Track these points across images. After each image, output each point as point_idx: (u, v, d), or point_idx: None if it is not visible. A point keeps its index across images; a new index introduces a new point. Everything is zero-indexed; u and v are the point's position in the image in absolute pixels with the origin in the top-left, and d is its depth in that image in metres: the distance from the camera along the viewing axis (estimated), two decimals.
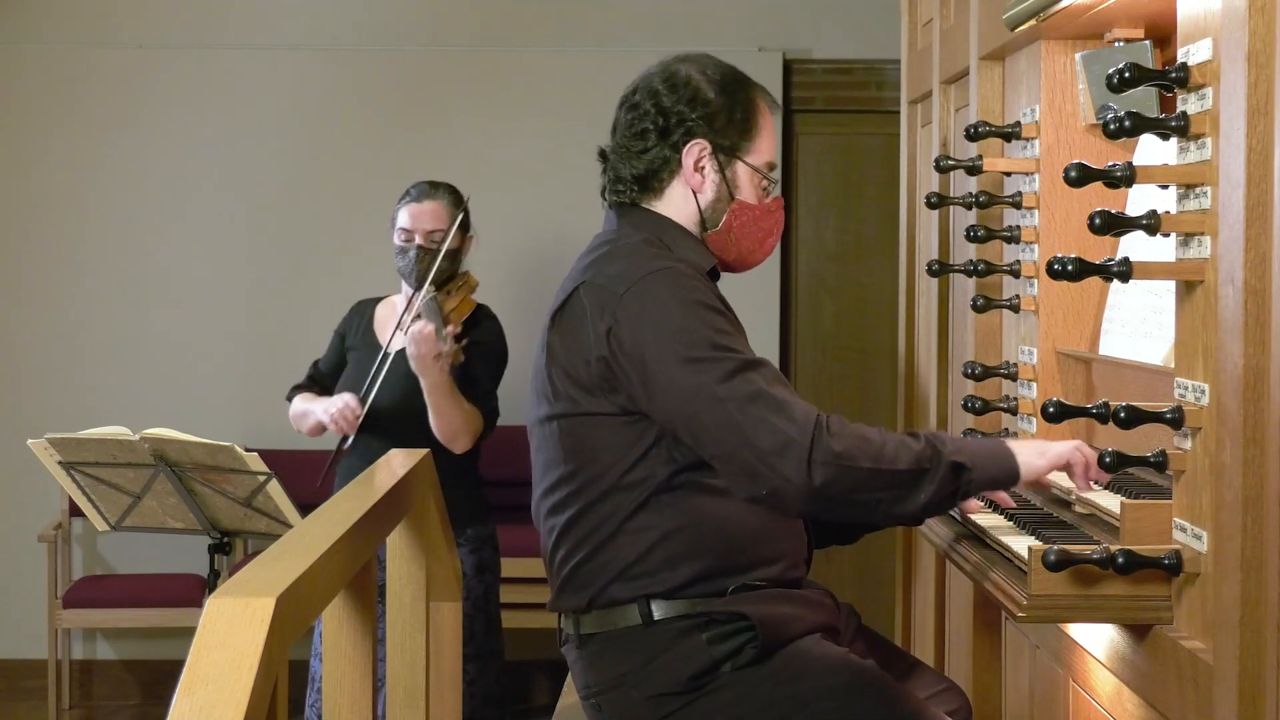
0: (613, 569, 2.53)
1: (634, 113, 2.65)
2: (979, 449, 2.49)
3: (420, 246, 4.16)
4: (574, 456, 2.54)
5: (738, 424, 2.39)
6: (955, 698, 2.77)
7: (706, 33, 6.08)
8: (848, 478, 2.38)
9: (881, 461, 2.39)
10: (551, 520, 2.60)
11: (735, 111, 2.63)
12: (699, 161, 2.62)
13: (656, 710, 2.51)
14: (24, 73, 6.03)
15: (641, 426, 2.49)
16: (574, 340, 2.51)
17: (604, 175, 2.70)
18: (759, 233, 2.67)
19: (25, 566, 5.88)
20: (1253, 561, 2.04)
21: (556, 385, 2.54)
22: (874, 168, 6.15)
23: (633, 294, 2.47)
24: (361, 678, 2.74)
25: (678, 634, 2.51)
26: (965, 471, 2.43)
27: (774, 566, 2.58)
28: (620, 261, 2.53)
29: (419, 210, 4.19)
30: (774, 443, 2.38)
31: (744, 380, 2.41)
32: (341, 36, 6.11)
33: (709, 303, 2.50)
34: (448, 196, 4.24)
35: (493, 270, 6.07)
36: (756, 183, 2.65)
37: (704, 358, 2.42)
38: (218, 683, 1.69)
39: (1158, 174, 2.28)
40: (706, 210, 2.64)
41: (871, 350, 6.17)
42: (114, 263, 6.04)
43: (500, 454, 5.86)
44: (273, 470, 3.87)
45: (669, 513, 2.51)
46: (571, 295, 2.54)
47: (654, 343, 2.44)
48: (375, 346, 4.22)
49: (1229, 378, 2.09)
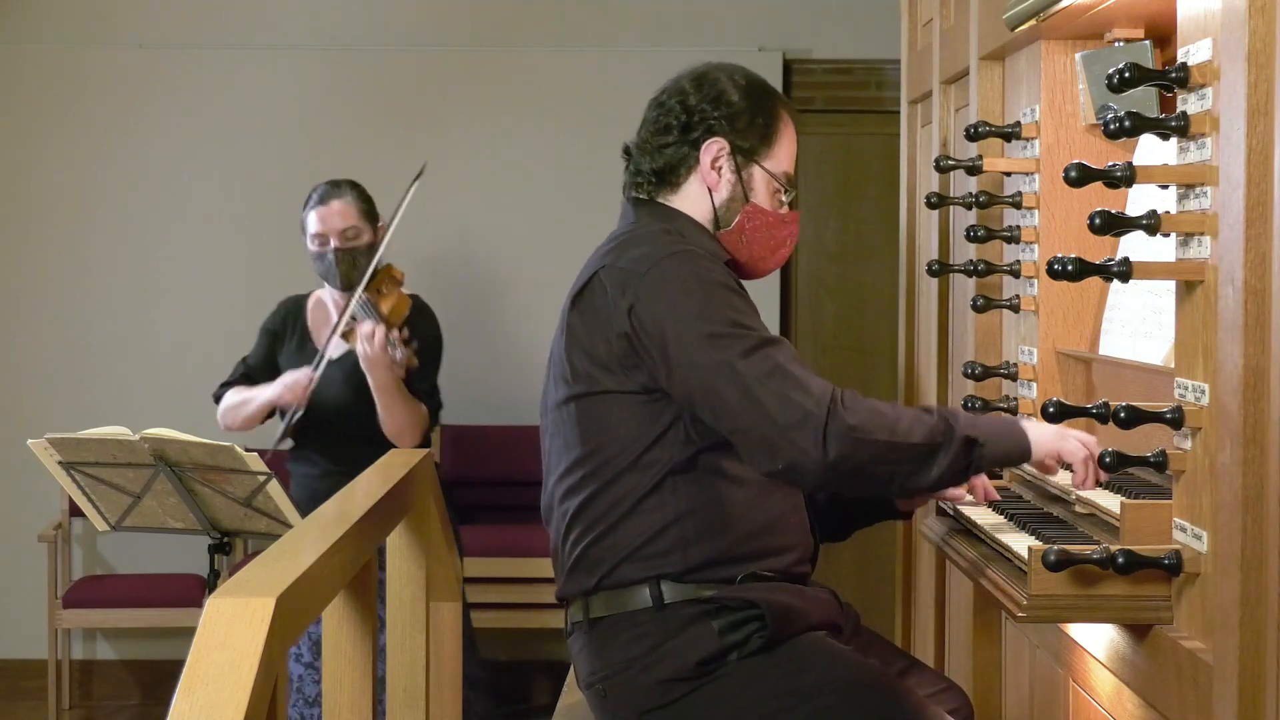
0: (624, 548, 2.56)
1: (660, 110, 2.70)
2: (991, 424, 2.52)
3: (337, 248, 4.17)
4: (591, 437, 2.57)
5: (757, 399, 2.43)
6: (956, 697, 2.77)
7: (706, 33, 6.08)
8: (863, 451, 2.41)
9: (896, 435, 2.42)
10: (565, 504, 2.62)
11: (758, 116, 2.68)
12: (716, 160, 2.66)
13: (663, 695, 2.53)
14: (24, 73, 6.02)
15: (660, 406, 2.53)
16: (594, 320, 2.55)
17: (627, 171, 2.74)
18: (772, 241, 2.71)
19: (25, 566, 5.88)
20: (1253, 561, 2.04)
21: (576, 366, 2.57)
22: (874, 168, 6.15)
23: (654, 273, 2.51)
24: (361, 678, 2.75)
25: (688, 620, 2.53)
26: (977, 446, 2.46)
27: (783, 558, 2.61)
28: (641, 246, 2.58)
29: (327, 212, 4.20)
30: (791, 417, 2.41)
31: (763, 356, 2.45)
32: (341, 36, 6.10)
33: (728, 283, 2.55)
34: (351, 192, 4.24)
35: (493, 270, 6.09)
36: (772, 190, 2.69)
37: (724, 334, 2.46)
38: (218, 683, 1.69)
39: (1158, 174, 2.28)
40: (721, 209, 2.67)
41: (871, 350, 6.17)
42: (114, 263, 6.04)
43: (505, 454, 5.88)
44: (272, 470, 3.87)
45: (683, 494, 2.55)
46: (592, 279, 2.58)
47: (674, 320, 2.48)
48: (313, 350, 4.22)
49: (1229, 378, 2.09)
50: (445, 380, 4.46)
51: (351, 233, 4.18)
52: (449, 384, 5.96)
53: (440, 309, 4.42)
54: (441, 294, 5.97)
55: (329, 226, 4.18)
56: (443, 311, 4.44)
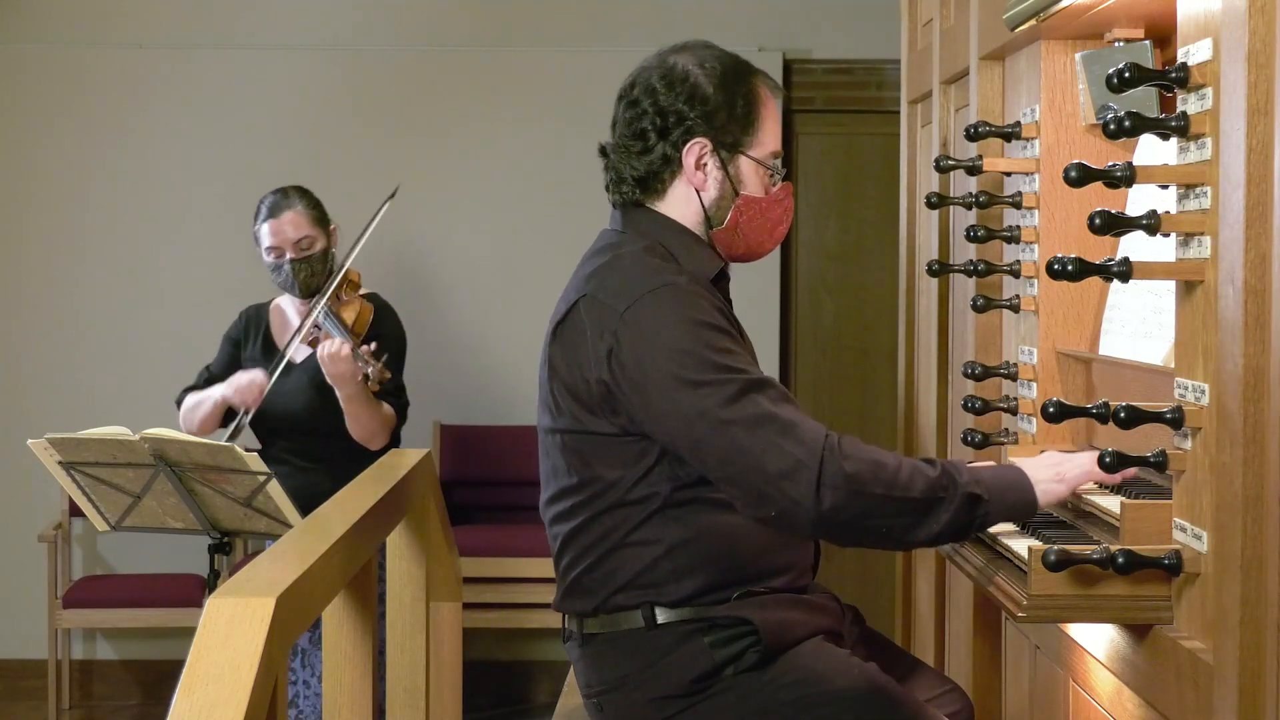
0: (618, 580, 2.52)
1: (632, 110, 2.59)
2: (995, 479, 2.43)
3: (293, 259, 4.19)
4: (578, 470, 2.52)
5: (744, 448, 2.35)
6: (957, 699, 2.76)
7: (706, 33, 5.99)
8: (858, 503, 2.34)
9: (894, 489, 2.35)
10: (557, 527, 2.59)
11: (736, 105, 2.57)
12: (700, 160, 2.56)
13: (658, 712, 2.50)
14: (24, 73, 6.02)
15: (644, 445, 2.47)
16: (574, 356, 2.49)
17: (606, 172, 2.65)
18: (767, 223, 2.62)
19: (25, 566, 5.88)
20: (1253, 561, 2.04)
21: (559, 400, 2.52)
22: (874, 168, 6.15)
23: (632, 313, 2.43)
24: (361, 678, 2.75)
25: (680, 637, 2.50)
26: (981, 504, 2.39)
27: (781, 577, 2.56)
28: (621, 274, 2.49)
29: (278, 224, 4.22)
30: (782, 466, 2.34)
31: (749, 402, 2.37)
32: (341, 36, 6.10)
33: (712, 321, 2.45)
34: (301, 200, 4.26)
35: (492, 270, 6.08)
36: (761, 174, 2.60)
37: (706, 380, 2.38)
38: (218, 683, 1.69)
39: (1158, 174, 2.27)
40: (711, 208, 2.59)
41: (871, 350, 6.17)
42: (114, 263, 6.04)
43: (504, 454, 5.87)
44: (272, 471, 3.87)
45: (674, 526, 2.49)
46: (572, 308, 2.51)
47: (654, 366, 2.40)
48: (275, 357, 4.23)
49: (1229, 378, 2.09)
50: (444, 381, 4.51)
51: (305, 243, 4.21)
52: (448, 385, 5.99)
53: (438, 309, 4.42)
54: (440, 294, 5.98)
55: (282, 239, 4.20)
56: (439, 311, 4.45)
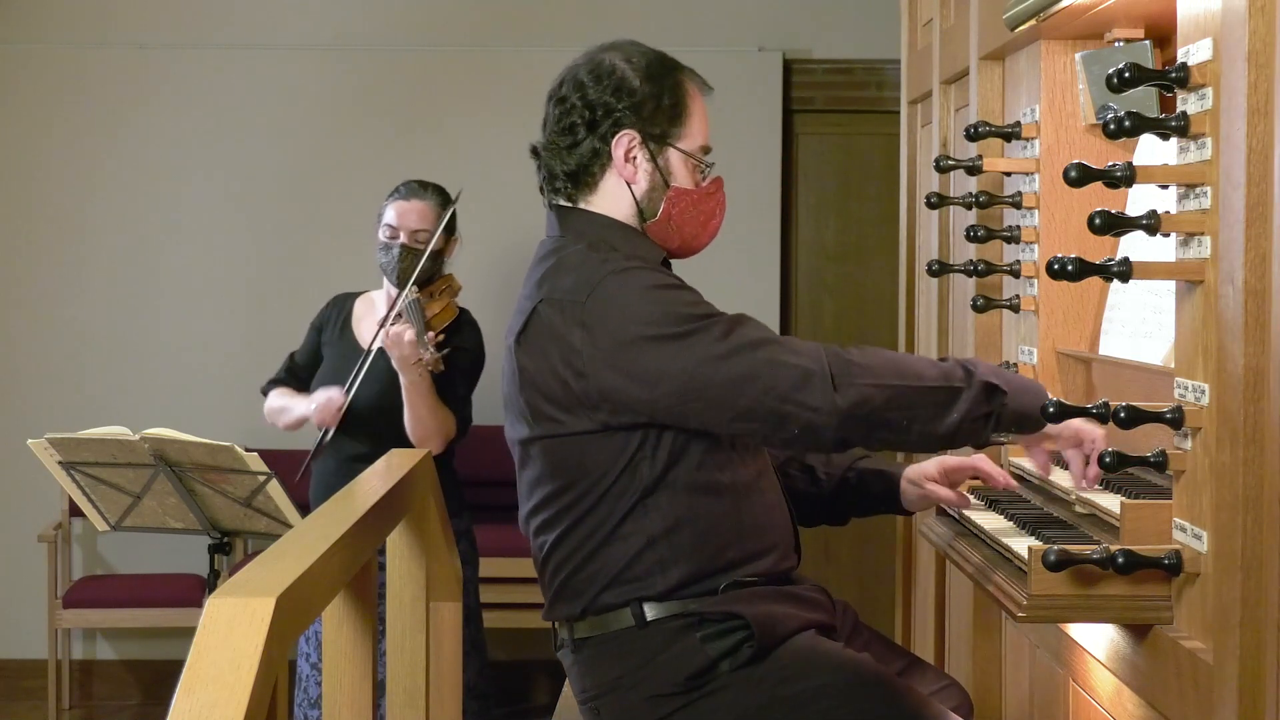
0: (604, 577, 2.52)
1: (561, 107, 2.61)
2: (1014, 378, 2.47)
3: (404, 245, 4.20)
4: (560, 474, 2.53)
5: (750, 375, 2.38)
6: (956, 695, 2.76)
7: (706, 33, 6.08)
8: (876, 395, 2.37)
9: (908, 378, 2.38)
10: (541, 537, 2.59)
11: (663, 98, 2.59)
12: (629, 152, 2.58)
13: (655, 711, 2.50)
14: (24, 73, 6.03)
15: (624, 436, 2.47)
16: (543, 360, 2.49)
17: (538, 173, 2.67)
18: (700, 216, 2.63)
19: (25, 566, 5.89)
20: (1253, 561, 2.04)
21: (536, 407, 2.51)
22: (874, 168, 6.15)
23: (595, 299, 2.45)
24: (361, 678, 2.74)
25: (672, 634, 2.50)
26: (999, 394, 2.41)
27: (764, 560, 2.56)
28: (572, 273, 2.51)
29: (406, 208, 4.23)
30: (793, 378, 2.37)
31: (739, 335, 2.40)
32: (341, 36, 6.11)
33: (673, 283, 2.49)
34: (435, 197, 4.27)
35: (492, 270, 6.08)
36: (691, 168, 2.61)
37: (690, 330, 2.40)
38: (218, 683, 1.69)
39: (1158, 174, 2.27)
40: (642, 200, 2.59)
41: None
42: (114, 263, 6.04)
43: (490, 454, 5.86)
44: (273, 470, 3.87)
45: (655, 516, 2.49)
46: (532, 315, 2.52)
47: (632, 336, 2.42)
48: (352, 343, 4.24)
49: (1229, 378, 2.09)
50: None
51: (422, 235, 4.22)
52: None
53: None
54: None
55: (403, 223, 4.22)
56: None
